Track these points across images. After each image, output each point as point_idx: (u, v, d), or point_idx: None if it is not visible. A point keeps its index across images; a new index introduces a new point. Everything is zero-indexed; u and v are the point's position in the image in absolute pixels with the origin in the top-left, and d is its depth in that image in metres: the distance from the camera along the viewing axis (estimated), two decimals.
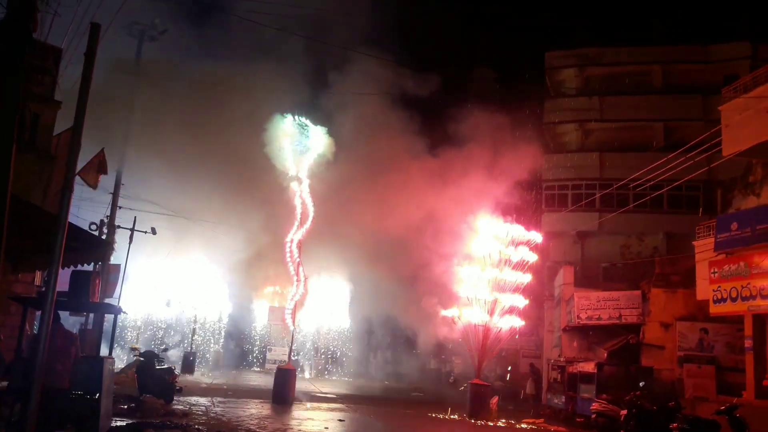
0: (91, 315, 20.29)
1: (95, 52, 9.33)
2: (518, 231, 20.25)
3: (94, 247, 10.69)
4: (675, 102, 29.12)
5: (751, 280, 16.82)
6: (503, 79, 31.28)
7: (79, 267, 10.97)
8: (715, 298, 17.98)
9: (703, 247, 18.90)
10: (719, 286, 17.82)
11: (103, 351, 16.51)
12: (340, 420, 15.70)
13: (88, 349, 16.33)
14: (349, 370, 32.17)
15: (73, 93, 9.86)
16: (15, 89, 7.62)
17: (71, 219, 8.48)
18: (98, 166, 12.52)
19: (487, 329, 18.93)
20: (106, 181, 17.47)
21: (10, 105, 7.59)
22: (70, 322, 22.17)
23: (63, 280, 8.83)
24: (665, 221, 27.22)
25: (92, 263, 11.57)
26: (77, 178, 10.64)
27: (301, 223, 20.06)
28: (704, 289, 18.56)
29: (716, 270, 18.03)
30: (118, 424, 11.10)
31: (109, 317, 13.61)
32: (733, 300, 17.39)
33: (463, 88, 32.30)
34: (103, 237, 19.45)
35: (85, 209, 21.88)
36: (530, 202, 28.93)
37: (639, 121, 29.67)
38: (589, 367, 19.24)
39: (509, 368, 26.67)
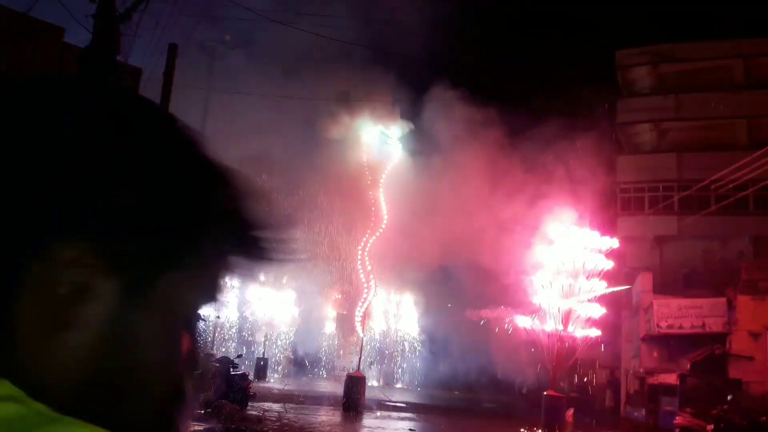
0: None
1: (173, 71, 9.64)
2: (593, 237, 19.60)
3: None
4: (758, 98, 27.56)
5: None
6: (574, 79, 30.44)
7: None
8: None
9: None
10: None
11: None
12: (411, 430, 15.57)
13: None
14: (418, 378, 31.97)
15: None
16: None
17: None
18: None
19: (561, 339, 18.33)
20: None
21: None
22: None
23: None
24: (751, 224, 25.72)
25: None
26: None
27: (374, 231, 20.21)
28: None
29: None
30: (196, 428, 11.28)
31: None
32: None
33: (533, 92, 31.63)
34: None
35: None
36: (605, 207, 27.99)
37: (719, 119, 28.23)
38: (671, 378, 18.40)
39: (585, 379, 25.83)
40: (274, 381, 26.82)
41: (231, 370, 16.06)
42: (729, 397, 17.00)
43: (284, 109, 23.60)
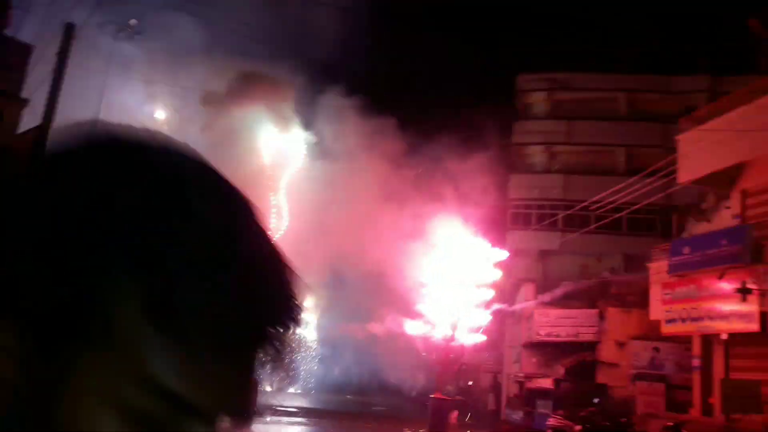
0: None
1: (68, 52, 9.54)
2: (484, 248, 20.88)
3: None
4: (638, 129, 30.17)
5: (700, 302, 17.60)
6: (474, 99, 32.06)
7: None
8: (666, 319, 18.75)
9: (657, 270, 19.70)
10: (671, 307, 18.59)
11: None
12: None
13: None
14: (312, 383, 32.22)
15: (42, 91, 9.99)
16: None
17: None
18: None
19: (448, 344, 19.40)
20: None
21: None
22: None
23: None
24: (624, 243, 28.09)
25: None
26: None
27: (274, 232, 20.44)
28: (657, 310, 19.33)
29: (669, 291, 18.81)
30: None
31: None
32: (684, 321, 18.16)
33: (437, 109, 32.92)
34: None
35: None
36: (498, 221, 29.62)
37: (603, 146, 30.62)
38: (547, 383, 19.87)
39: (470, 383, 27.15)
40: None
41: None
42: (596, 401, 18.63)
43: (182, 101, 23.08)
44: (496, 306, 20.61)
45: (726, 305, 16.71)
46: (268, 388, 31.34)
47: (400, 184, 22.50)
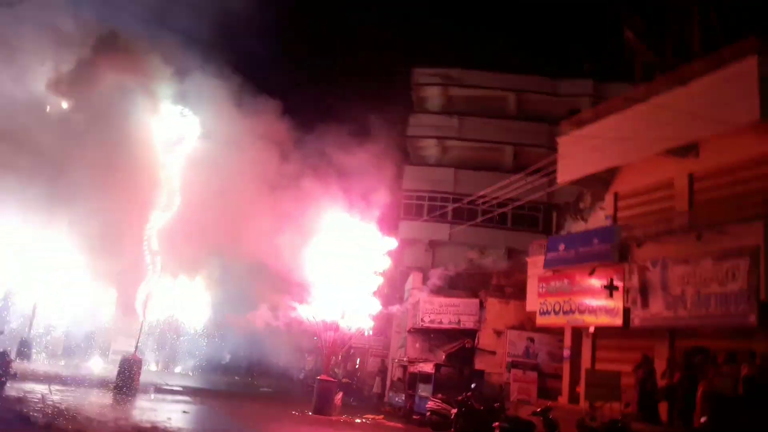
0: None
1: None
2: (375, 236, 21.32)
3: None
4: (525, 128, 31.69)
5: (572, 296, 18.88)
6: (369, 90, 32.41)
7: None
8: (541, 311, 19.97)
9: (534, 264, 20.93)
10: (545, 300, 19.82)
11: None
12: (184, 412, 15.76)
13: None
14: (200, 364, 31.74)
15: None
16: None
17: None
18: None
19: (336, 328, 19.75)
20: None
21: None
22: None
23: None
24: (508, 237, 29.59)
25: None
26: None
27: (164, 211, 19.89)
28: (533, 302, 20.55)
29: (544, 285, 20.01)
30: None
31: None
32: (556, 313, 19.42)
33: (331, 98, 32.99)
34: None
35: None
36: (389, 210, 30.27)
37: (492, 143, 31.95)
38: (428, 367, 20.66)
39: (356, 366, 27.75)
40: (40, 363, 25.03)
41: None
42: (472, 386, 19.55)
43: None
44: (379, 292, 21.01)
45: (594, 300, 18.04)
46: (153, 367, 30.72)
47: (291, 170, 22.30)
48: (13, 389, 14.84)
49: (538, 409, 15.75)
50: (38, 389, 15.83)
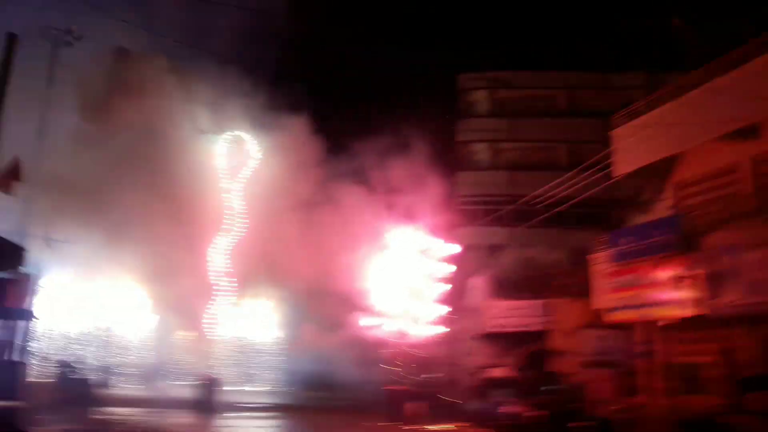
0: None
1: (11, 63, 9.59)
2: (437, 245, 21.52)
3: (9, 252, 10.63)
4: (578, 125, 31.31)
5: (640, 289, 18.51)
6: (416, 100, 32.58)
7: None
8: (609, 307, 19.63)
9: (599, 260, 20.64)
10: (613, 296, 19.49)
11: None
12: (260, 427, 16.23)
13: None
14: (279, 380, 32.34)
15: None
16: None
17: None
18: (12, 173, 12.47)
19: (403, 337, 19.95)
20: None
21: None
22: None
23: None
24: (570, 237, 29.04)
25: (6, 269, 11.39)
26: None
27: (230, 235, 20.62)
28: (600, 299, 20.24)
29: (610, 281, 19.71)
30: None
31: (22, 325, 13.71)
32: (626, 308, 19.05)
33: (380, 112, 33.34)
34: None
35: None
36: (447, 217, 30.34)
37: (544, 142, 31.65)
38: (500, 372, 20.61)
39: (428, 376, 27.74)
40: (121, 388, 26.08)
41: (74, 374, 15.86)
42: (547, 387, 19.44)
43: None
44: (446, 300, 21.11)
45: (663, 292, 17.63)
46: (230, 386, 31.46)
47: (346, 189, 22.72)
48: (96, 413, 15.49)
49: (617, 407, 15.57)
50: (120, 412, 16.49)
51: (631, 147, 20.00)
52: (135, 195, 19.86)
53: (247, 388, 31.11)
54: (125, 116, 19.89)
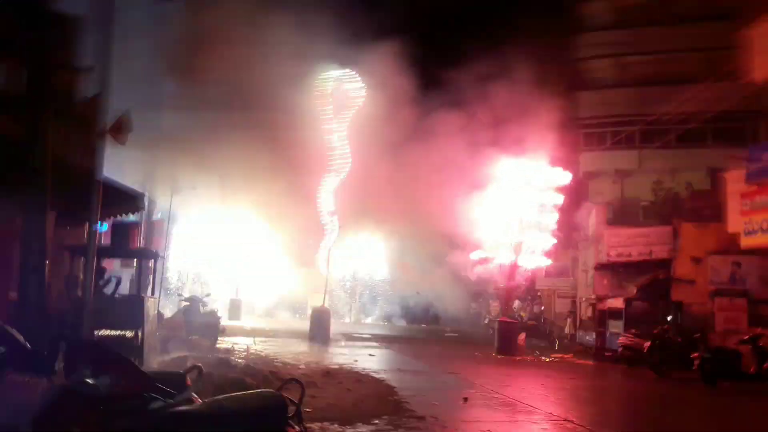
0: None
1: (113, 18, 10.03)
2: (545, 172, 20.45)
3: (129, 199, 11.57)
4: (714, 30, 27.79)
5: None
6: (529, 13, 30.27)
7: (123, 219, 12.17)
8: (746, 231, 17.76)
9: (734, 179, 18.61)
10: (750, 218, 17.59)
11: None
12: (370, 355, 16.69)
13: None
14: (390, 315, 33.30)
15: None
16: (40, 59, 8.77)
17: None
18: (122, 126, 13.26)
19: (513, 269, 19.36)
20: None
21: (39, 73, 9.39)
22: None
23: None
24: (710, 156, 26.33)
25: (131, 214, 12.37)
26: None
27: (339, 172, 20.86)
28: (735, 222, 18.32)
29: (748, 202, 17.75)
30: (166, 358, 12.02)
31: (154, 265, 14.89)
32: (764, 231, 17.18)
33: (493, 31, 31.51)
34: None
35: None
36: (567, 143, 28.59)
37: (676, 52, 28.58)
38: (618, 303, 19.53)
39: (542, 308, 27.08)
40: (247, 320, 27.95)
41: (201, 308, 17.01)
42: (669, 318, 18.17)
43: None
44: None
45: None
46: (347, 319, 32.89)
47: (459, 116, 21.91)
48: (224, 342, 16.63)
49: (746, 337, 14.36)
50: (244, 341, 17.57)
51: None
52: (246, 141, 20.46)
53: (362, 321, 32.39)
54: (226, 65, 20.24)
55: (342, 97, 22.27)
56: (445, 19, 28.27)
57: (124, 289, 14.90)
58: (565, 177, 20.43)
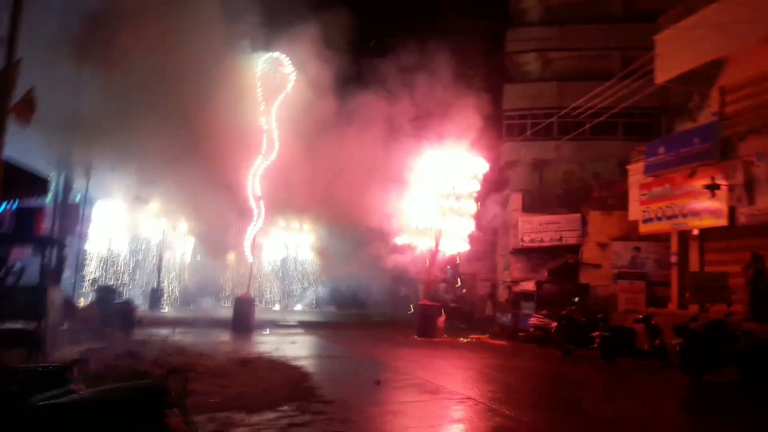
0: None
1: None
2: (472, 161, 21.32)
3: (34, 181, 11.00)
4: (632, 30, 29.38)
5: (674, 200, 18.06)
6: (464, 8, 31.19)
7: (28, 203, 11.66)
8: (644, 218, 19.26)
9: (636, 171, 20.04)
10: (648, 207, 19.07)
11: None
12: (292, 342, 16.95)
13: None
14: (318, 301, 33.70)
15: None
16: None
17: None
18: (27, 104, 12.84)
19: (433, 254, 20.23)
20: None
21: None
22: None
23: None
24: (621, 148, 27.88)
25: (37, 197, 11.79)
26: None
27: (265, 157, 20.88)
28: (635, 210, 19.81)
29: (646, 192, 19.22)
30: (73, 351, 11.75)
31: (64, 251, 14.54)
32: (660, 219, 18.68)
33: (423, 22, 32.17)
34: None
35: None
36: (491, 133, 29.66)
37: (596, 50, 30.08)
38: (530, 285, 20.72)
39: (464, 291, 28.20)
40: (170, 310, 27.58)
41: (115, 298, 16.93)
42: (576, 299, 19.45)
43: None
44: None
45: (698, 202, 17.24)
46: (277, 307, 33.08)
47: (384, 105, 22.38)
48: (141, 334, 16.34)
49: (640, 316, 15.53)
50: (163, 332, 17.32)
51: (675, 52, 18.93)
52: (171, 121, 20.14)
53: (291, 308, 32.62)
54: (155, 41, 19.79)
55: (270, 81, 22.23)
56: (374, 8, 28.52)
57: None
58: (483, 166, 21.33)
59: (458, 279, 27.12)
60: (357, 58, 24.96)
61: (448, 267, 24.51)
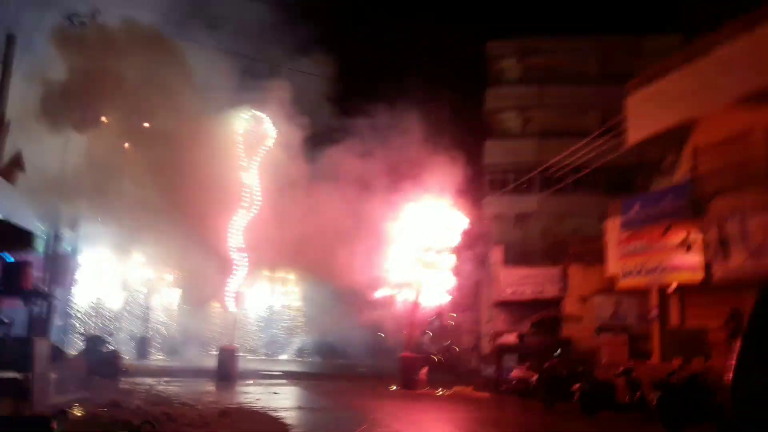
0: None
1: (11, 63, 10.33)
2: (454, 215, 21.73)
3: (22, 236, 11.27)
4: (610, 90, 30.45)
5: (651, 255, 18.46)
6: (444, 68, 32.31)
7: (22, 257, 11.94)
8: (623, 273, 19.63)
9: (613, 227, 20.54)
10: (626, 262, 19.48)
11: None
12: (274, 393, 16.97)
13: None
14: (303, 351, 33.52)
15: None
16: None
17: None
18: (15, 164, 13.21)
19: (414, 307, 20.42)
20: None
21: None
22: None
23: None
24: (601, 203, 28.55)
25: (24, 251, 11.99)
26: None
27: (247, 211, 21.20)
28: (614, 265, 20.21)
29: (623, 247, 19.66)
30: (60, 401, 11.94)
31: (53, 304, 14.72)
32: (638, 274, 19.05)
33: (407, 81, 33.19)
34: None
35: None
36: (473, 187, 30.30)
37: (575, 108, 31.15)
38: (512, 338, 20.89)
39: (449, 342, 28.23)
40: (158, 359, 27.52)
41: (102, 347, 17.00)
42: (557, 352, 19.61)
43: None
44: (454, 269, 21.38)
45: (674, 258, 17.61)
46: (260, 356, 32.84)
47: (365, 162, 22.87)
48: (126, 383, 16.50)
49: (620, 370, 15.68)
50: (148, 381, 17.51)
51: (646, 113, 19.70)
52: (155, 176, 20.51)
53: (275, 358, 32.45)
54: (140, 100, 20.29)
55: (251, 137, 22.64)
56: (360, 66, 29.50)
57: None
58: (464, 221, 21.74)
59: (444, 331, 27.21)
60: (340, 116, 25.73)
61: (433, 318, 24.62)
